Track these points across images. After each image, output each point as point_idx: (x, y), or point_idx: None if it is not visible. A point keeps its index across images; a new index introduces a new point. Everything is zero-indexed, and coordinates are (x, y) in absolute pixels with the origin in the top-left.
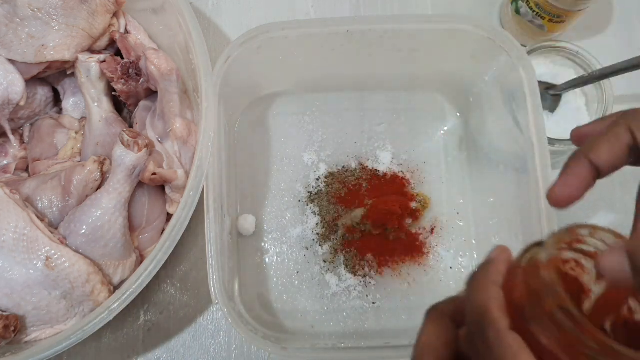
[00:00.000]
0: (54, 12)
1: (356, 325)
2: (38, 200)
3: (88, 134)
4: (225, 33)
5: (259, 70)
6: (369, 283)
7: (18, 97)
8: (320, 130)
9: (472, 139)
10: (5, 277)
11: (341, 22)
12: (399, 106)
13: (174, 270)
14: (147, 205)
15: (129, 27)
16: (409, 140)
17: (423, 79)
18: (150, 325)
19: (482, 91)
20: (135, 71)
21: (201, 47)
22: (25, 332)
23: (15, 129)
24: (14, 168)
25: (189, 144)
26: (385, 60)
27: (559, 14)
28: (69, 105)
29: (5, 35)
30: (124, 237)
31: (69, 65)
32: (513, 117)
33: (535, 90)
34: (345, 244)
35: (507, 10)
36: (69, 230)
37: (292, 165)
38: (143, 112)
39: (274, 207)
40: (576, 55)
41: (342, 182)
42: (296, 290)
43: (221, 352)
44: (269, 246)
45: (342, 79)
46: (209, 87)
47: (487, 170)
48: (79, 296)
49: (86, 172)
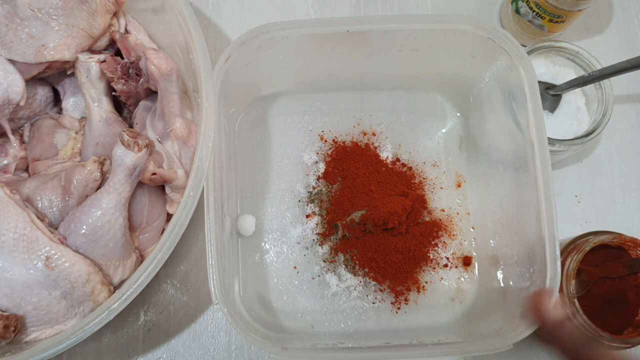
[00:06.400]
0: (54, 12)
1: (356, 325)
2: (38, 200)
3: (88, 134)
4: (225, 33)
5: (259, 70)
6: (369, 283)
7: (18, 97)
8: (320, 130)
9: (472, 139)
10: (5, 277)
11: (341, 22)
12: (399, 106)
13: (174, 270)
14: (147, 205)
15: (129, 27)
16: (409, 140)
17: (423, 79)
18: (150, 325)
19: (482, 91)
20: (135, 71)
21: (201, 47)
22: (25, 332)
23: (15, 129)
24: (14, 168)
25: (189, 144)
26: (385, 60)
27: (559, 14)
28: (69, 105)
29: (5, 35)
30: (124, 237)
31: (69, 65)
32: (513, 117)
33: (535, 90)
34: (345, 244)
35: (507, 10)
36: (69, 230)
37: (292, 165)
38: (143, 112)
39: (274, 207)
40: (576, 55)
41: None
42: (296, 290)
43: (221, 352)
44: (269, 246)
45: (342, 79)
46: (209, 87)
47: (487, 170)
48: (79, 296)
49: (86, 172)
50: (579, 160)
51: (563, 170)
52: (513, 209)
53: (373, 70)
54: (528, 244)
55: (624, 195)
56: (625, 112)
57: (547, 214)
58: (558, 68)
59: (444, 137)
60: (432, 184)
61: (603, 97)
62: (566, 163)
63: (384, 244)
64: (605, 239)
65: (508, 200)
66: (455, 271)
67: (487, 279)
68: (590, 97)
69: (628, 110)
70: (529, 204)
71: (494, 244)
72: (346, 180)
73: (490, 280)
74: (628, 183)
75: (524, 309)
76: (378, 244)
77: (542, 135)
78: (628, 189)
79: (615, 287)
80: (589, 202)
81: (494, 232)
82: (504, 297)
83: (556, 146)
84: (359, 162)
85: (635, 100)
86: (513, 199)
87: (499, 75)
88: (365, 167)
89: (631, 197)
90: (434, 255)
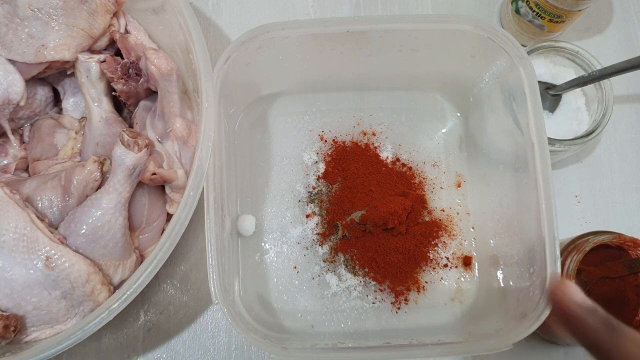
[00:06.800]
0: (54, 12)
1: (356, 325)
2: (38, 200)
3: (88, 134)
4: (225, 33)
5: (259, 70)
6: (369, 283)
7: (18, 97)
8: (320, 130)
9: (472, 139)
10: (5, 277)
11: (341, 22)
12: (399, 106)
13: (174, 270)
14: (147, 205)
15: (129, 27)
16: (409, 140)
17: (423, 79)
18: (150, 325)
19: (482, 91)
20: (135, 71)
21: (201, 47)
22: (25, 332)
23: (15, 129)
24: (14, 168)
25: (189, 144)
26: (385, 60)
27: (559, 14)
28: (69, 105)
29: (5, 35)
30: (124, 237)
31: (69, 65)
32: (513, 117)
33: (535, 90)
34: (345, 244)
35: (507, 10)
36: (69, 230)
37: (292, 165)
38: (143, 112)
39: (274, 207)
40: (576, 55)
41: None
42: (296, 290)
43: (221, 352)
44: (269, 246)
45: (342, 79)
46: (209, 87)
47: (487, 170)
48: (79, 296)
49: (86, 172)
50: (579, 160)
51: (563, 170)
52: (513, 209)
53: (373, 70)
54: (528, 244)
55: (624, 195)
56: (625, 112)
57: (547, 214)
58: (558, 68)
59: (444, 137)
60: (432, 184)
61: (603, 97)
62: (566, 163)
63: (384, 244)
64: (605, 239)
65: (508, 200)
66: (455, 271)
67: (487, 279)
68: (590, 97)
69: (628, 110)
70: (529, 204)
71: (494, 244)
72: (346, 180)
73: (490, 280)
74: (628, 183)
75: (547, 297)
76: (378, 244)
77: (542, 135)
78: (628, 189)
79: (615, 287)
80: (589, 202)
81: (494, 232)
82: (504, 297)
83: (556, 146)
84: (359, 162)
85: (635, 100)
86: (513, 199)
87: (499, 75)
88: (365, 167)
89: (631, 197)
90: (434, 255)
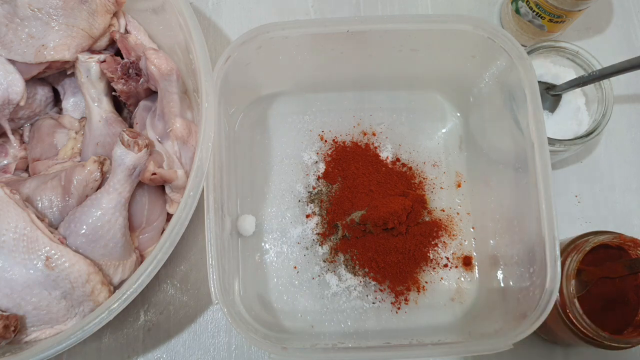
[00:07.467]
0: (54, 12)
1: (356, 325)
2: (38, 200)
3: (88, 134)
4: (225, 33)
5: (259, 70)
6: (369, 283)
7: (18, 97)
8: (320, 130)
9: (472, 139)
10: (5, 277)
11: (341, 22)
12: (399, 106)
13: (174, 270)
14: (147, 205)
15: (129, 27)
16: (409, 140)
17: (423, 79)
18: (150, 325)
19: (482, 91)
20: (135, 71)
21: (201, 47)
22: (25, 332)
23: (15, 129)
24: (14, 168)
25: (189, 144)
26: (385, 60)
27: (559, 14)
28: (69, 105)
29: (5, 35)
30: (124, 237)
31: (69, 65)
32: (513, 117)
33: (535, 90)
34: (345, 244)
35: (507, 10)
36: (69, 230)
37: (292, 165)
38: (143, 112)
39: (274, 207)
40: (576, 55)
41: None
42: (296, 290)
43: (221, 352)
44: (269, 246)
45: (342, 79)
46: (209, 87)
47: (487, 170)
48: (79, 296)
49: (86, 172)
50: (579, 160)
51: (563, 170)
52: (513, 209)
53: (373, 70)
54: (528, 244)
55: (624, 195)
56: (625, 112)
57: (547, 214)
58: (558, 68)
59: (444, 137)
60: (432, 184)
61: (603, 97)
62: (566, 163)
63: (384, 244)
64: (605, 239)
65: (508, 200)
66: (455, 271)
67: (487, 279)
68: (590, 97)
69: (628, 110)
70: (529, 204)
71: (494, 244)
72: (346, 180)
73: (490, 280)
74: (628, 183)
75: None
76: (378, 244)
77: (542, 135)
78: (628, 189)
79: (615, 287)
80: (589, 202)
81: (494, 232)
82: (504, 297)
83: (556, 146)
84: (359, 162)
85: (635, 100)
86: (513, 199)
87: (499, 75)
88: (365, 167)
89: (631, 197)
90: (434, 255)
